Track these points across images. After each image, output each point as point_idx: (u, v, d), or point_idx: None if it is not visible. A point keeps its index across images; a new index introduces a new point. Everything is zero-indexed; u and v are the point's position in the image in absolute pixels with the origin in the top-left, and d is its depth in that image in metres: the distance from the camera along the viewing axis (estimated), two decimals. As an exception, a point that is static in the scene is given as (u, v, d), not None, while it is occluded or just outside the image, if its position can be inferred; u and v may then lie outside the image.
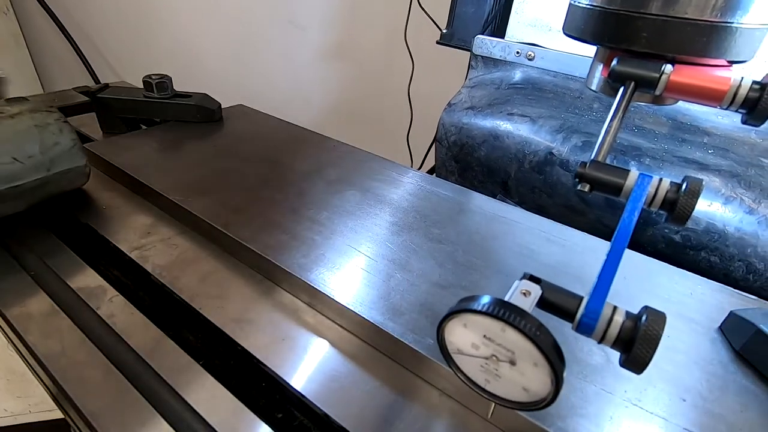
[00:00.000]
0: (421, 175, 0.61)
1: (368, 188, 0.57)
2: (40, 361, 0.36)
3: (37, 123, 0.47)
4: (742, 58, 0.31)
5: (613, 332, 0.24)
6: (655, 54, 0.31)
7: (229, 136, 0.69)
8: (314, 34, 1.27)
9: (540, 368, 0.23)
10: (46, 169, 0.47)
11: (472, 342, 0.25)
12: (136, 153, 0.61)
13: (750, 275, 0.50)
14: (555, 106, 0.61)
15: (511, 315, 0.23)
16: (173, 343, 0.39)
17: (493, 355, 0.25)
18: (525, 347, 0.23)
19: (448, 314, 0.25)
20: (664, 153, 0.54)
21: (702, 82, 0.30)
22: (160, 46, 1.57)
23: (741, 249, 0.49)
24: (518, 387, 0.25)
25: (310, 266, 0.43)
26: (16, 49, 1.63)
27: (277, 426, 0.33)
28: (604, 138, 0.32)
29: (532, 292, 0.26)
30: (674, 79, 0.30)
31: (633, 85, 0.32)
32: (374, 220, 0.51)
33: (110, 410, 0.33)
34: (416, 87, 1.07)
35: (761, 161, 0.51)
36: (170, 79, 0.70)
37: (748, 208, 0.49)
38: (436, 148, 0.72)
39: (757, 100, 0.28)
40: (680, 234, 0.52)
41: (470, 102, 0.68)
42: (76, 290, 0.43)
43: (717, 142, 0.53)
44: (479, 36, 0.69)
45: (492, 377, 0.26)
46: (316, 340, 0.39)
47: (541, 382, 0.24)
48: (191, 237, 0.50)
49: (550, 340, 0.23)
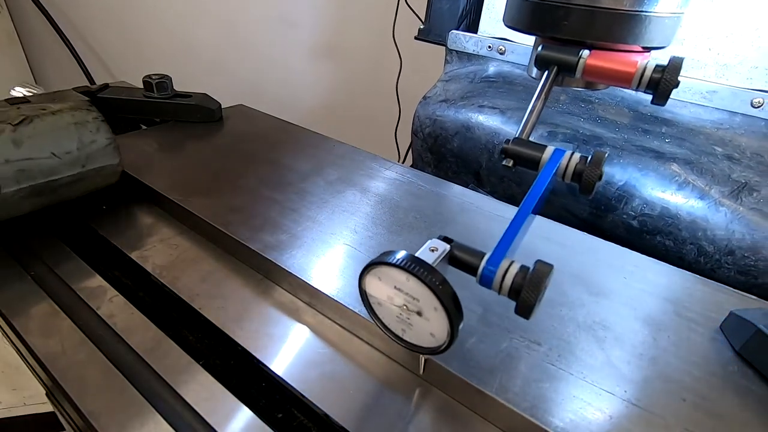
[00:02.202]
0: (421, 174, 0.61)
1: (368, 188, 0.57)
2: (40, 361, 0.36)
3: (77, 120, 0.48)
4: (656, 44, 0.34)
5: (507, 283, 0.26)
6: (576, 41, 0.34)
7: (229, 136, 0.69)
8: (305, 31, 1.28)
9: (440, 312, 0.26)
10: (81, 165, 0.48)
11: (387, 294, 0.28)
12: (136, 153, 0.61)
13: (701, 258, 0.52)
14: (524, 98, 0.64)
15: (413, 266, 0.25)
16: (173, 343, 0.39)
17: (404, 305, 0.28)
18: (427, 294, 0.26)
19: (365, 268, 0.28)
20: (624, 142, 0.56)
21: (614, 65, 0.33)
22: (151, 45, 1.58)
23: (692, 233, 0.52)
24: (427, 333, 0.28)
25: (310, 266, 0.43)
26: (10, 47, 1.63)
27: (277, 426, 0.33)
28: (528, 118, 0.35)
29: (438, 249, 0.28)
30: (590, 63, 0.33)
31: (555, 70, 0.35)
32: (374, 220, 0.51)
33: (110, 410, 0.33)
34: (404, 84, 1.08)
35: (714, 149, 0.53)
36: (170, 79, 0.70)
37: (699, 193, 0.51)
38: (413, 140, 0.75)
39: (659, 81, 0.31)
40: (637, 219, 0.55)
41: (444, 95, 0.70)
42: (76, 290, 0.43)
43: (675, 132, 0.55)
44: (453, 31, 0.71)
45: (406, 326, 0.29)
46: (317, 340, 0.39)
47: (443, 327, 0.27)
48: (191, 237, 0.50)
49: (449, 290, 0.26)
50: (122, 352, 0.37)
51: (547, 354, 0.36)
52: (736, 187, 0.50)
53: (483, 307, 0.40)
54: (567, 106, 0.62)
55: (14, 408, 0.88)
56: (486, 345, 0.36)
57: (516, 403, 0.32)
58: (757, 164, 0.51)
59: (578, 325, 0.39)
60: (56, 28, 1.58)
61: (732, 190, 0.50)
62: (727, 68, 0.53)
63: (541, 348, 0.36)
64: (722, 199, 0.50)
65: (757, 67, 0.51)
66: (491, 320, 0.39)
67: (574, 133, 0.58)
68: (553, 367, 0.35)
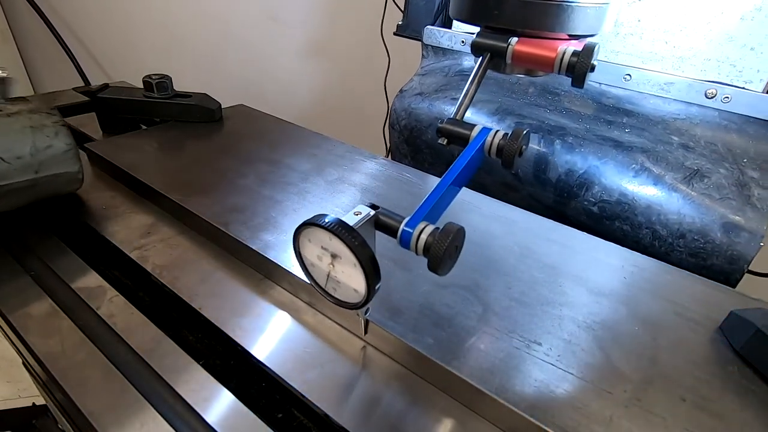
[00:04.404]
0: (422, 174, 0.61)
1: (368, 188, 0.57)
2: (40, 360, 0.36)
3: (33, 124, 0.46)
4: (581, 32, 0.36)
5: (422, 242, 0.29)
6: (508, 29, 0.37)
7: (229, 136, 0.69)
8: (295, 29, 1.29)
9: (358, 268, 0.28)
10: (34, 172, 0.46)
11: (316, 254, 0.31)
12: (136, 153, 0.61)
13: (656, 242, 0.54)
14: (494, 91, 0.66)
15: (335, 227, 0.28)
16: (173, 343, 0.39)
17: (330, 263, 0.30)
18: (347, 252, 0.28)
19: (296, 231, 0.30)
20: (586, 132, 0.58)
21: (538, 51, 0.36)
22: (144, 43, 1.58)
23: (647, 217, 0.54)
24: (351, 290, 0.30)
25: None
26: (4, 45, 1.63)
27: (277, 426, 0.33)
28: (462, 100, 0.38)
29: (362, 213, 0.30)
30: (518, 49, 0.36)
31: (489, 56, 0.38)
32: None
33: (110, 410, 0.33)
34: (393, 80, 1.09)
35: (671, 138, 0.55)
36: (170, 79, 0.70)
37: (654, 180, 0.53)
38: (390, 133, 0.76)
39: (575, 65, 0.34)
40: (597, 206, 0.57)
41: (420, 88, 0.72)
42: (76, 290, 0.43)
43: (635, 123, 0.58)
44: (428, 27, 0.72)
45: (335, 284, 0.31)
46: (316, 339, 0.39)
47: (362, 282, 0.29)
48: (191, 237, 0.50)
49: (366, 250, 0.28)
50: (122, 352, 0.37)
51: (547, 354, 0.36)
52: (689, 174, 0.52)
53: (483, 307, 0.40)
54: (534, 98, 0.64)
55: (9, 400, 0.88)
56: (486, 345, 0.36)
57: (516, 403, 0.32)
58: (710, 152, 0.53)
59: (578, 325, 0.39)
60: (50, 26, 1.58)
61: (684, 177, 0.52)
62: (682, 61, 0.55)
63: (541, 348, 0.36)
64: (675, 185, 0.52)
65: (710, 60, 0.53)
66: (491, 320, 0.39)
67: (539, 124, 0.60)
68: (552, 367, 0.35)
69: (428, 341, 0.36)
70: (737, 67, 0.52)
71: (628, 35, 0.57)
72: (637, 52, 0.58)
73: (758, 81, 0.52)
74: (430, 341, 0.36)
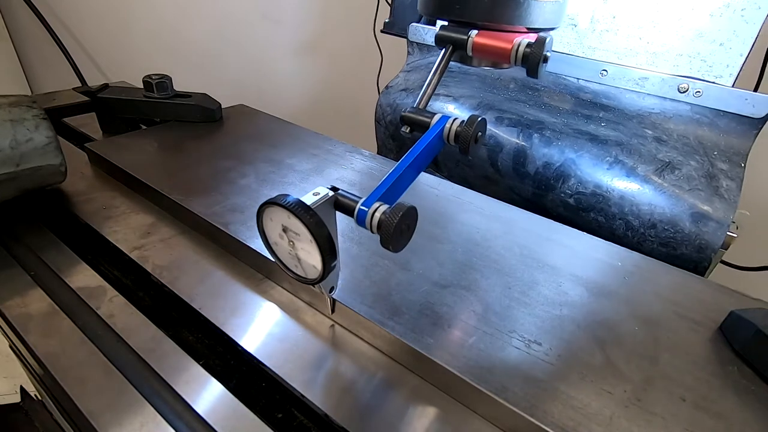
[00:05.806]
0: (423, 174, 0.61)
1: (368, 188, 0.57)
2: (40, 360, 0.36)
3: (13, 117, 0.46)
4: (539, 25, 0.37)
5: (375, 220, 0.30)
6: (469, 23, 0.38)
7: (229, 136, 0.69)
8: (288, 29, 1.29)
9: (314, 244, 0.30)
10: (15, 165, 0.46)
11: (278, 232, 0.32)
12: (136, 153, 0.61)
13: (629, 232, 0.56)
14: (476, 86, 0.68)
15: (293, 205, 0.29)
16: (173, 343, 0.39)
17: (291, 241, 0.32)
18: (304, 230, 0.29)
19: (258, 211, 0.31)
20: (563, 126, 0.60)
21: (495, 43, 0.37)
22: (141, 44, 1.58)
23: (620, 208, 0.56)
24: (311, 266, 0.32)
25: (310, 266, 0.43)
26: (0, 44, 1.62)
27: (277, 426, 0.33)
28: (425, 90, 0.39)
29: (320, 194, 0.32)
30: (477, 41, 0.38)
31: (451, 48, 0.39)
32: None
33: (109, 409, 0.33)
34: (386, 78, 1.09)
35: (645, 132, 0.57)
36: (170, 79, 0.70)
37: (627, 172, 0.55)
38: (376, 129, 0.77)
39: (528, 56, 0.36)
40: (573, 198, 0.58)
41: (405, 84, 0.73)
42: (76, 290, 0.43)
43: (611, 117, 0.59)
44: (413, 24, 0.73)
45: (297, 261, 0.33)
46: (316, 339, 0.39)
47: (319, 258, 0.30)
48: (191, 237, 0.50)
49: (322, 229, 0.29)
50: (122, 352, 0.37)
51: (546, 354, 0.36)
52: (660, 166, 0.54)
53: (483, 307, 0.40)
54: (515, 94, 0.65)
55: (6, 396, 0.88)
56: (486, 344, 0.36)
57: (516, 403, 0.32)
58: (682, 145, 0.54)
59: (578, 325, 0.39)
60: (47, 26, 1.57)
61: (656, 169, 0.54)
62: (656, 56, 0.56)
63: (541, 348, 0.36)
64: (648, 177, 0.54)
65: (682, 55, 0.55)
66: (491, 320, 0.39)
67: (519, 119, 0.62)
68: (552, 366, 0.35)
69: (428, 341, 0.36)
70: (708, 62, 0.53)
71: (604, 31, 0.59)
72: (613, 48, 0.59)
73: (728, 76, 0.53)
74: (430, 341, 0.36)
